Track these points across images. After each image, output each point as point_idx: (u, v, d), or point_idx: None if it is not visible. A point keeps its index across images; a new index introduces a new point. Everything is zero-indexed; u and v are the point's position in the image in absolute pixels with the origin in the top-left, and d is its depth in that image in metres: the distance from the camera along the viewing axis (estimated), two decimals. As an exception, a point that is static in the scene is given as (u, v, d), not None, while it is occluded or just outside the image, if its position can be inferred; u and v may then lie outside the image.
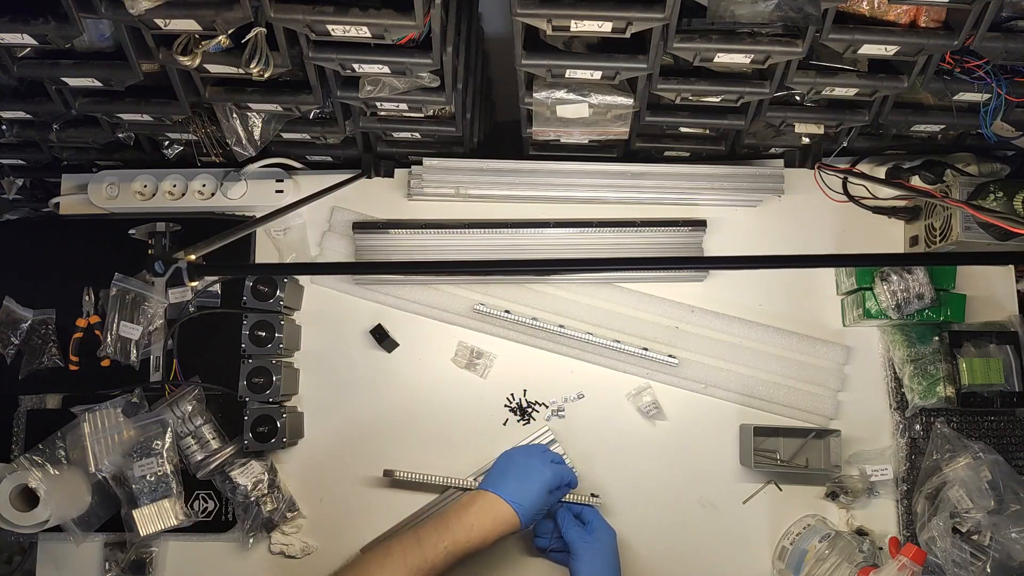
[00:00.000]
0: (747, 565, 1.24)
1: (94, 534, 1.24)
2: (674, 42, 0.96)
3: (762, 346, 1.29)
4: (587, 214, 1.32)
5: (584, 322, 1.30)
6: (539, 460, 1.15)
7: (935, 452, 1.20)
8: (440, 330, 1.31)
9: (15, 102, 1.13)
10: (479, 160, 1.30)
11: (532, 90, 1.11)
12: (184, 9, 0.90)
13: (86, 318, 1.30)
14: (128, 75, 1.03)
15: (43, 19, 0.91)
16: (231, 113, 1.15)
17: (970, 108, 1.14)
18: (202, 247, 1.04)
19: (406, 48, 1.00)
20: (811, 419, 1.27)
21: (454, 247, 1.30)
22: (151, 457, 1.22)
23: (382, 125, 1.24)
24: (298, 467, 1.28)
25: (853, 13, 0.97)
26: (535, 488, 1.10)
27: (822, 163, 1.32)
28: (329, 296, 1.33)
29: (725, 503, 1.25)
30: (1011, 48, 0.98)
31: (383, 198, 1.35)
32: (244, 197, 1.32)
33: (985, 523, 1.11)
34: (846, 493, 1.22)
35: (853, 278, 1.26)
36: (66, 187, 1.38)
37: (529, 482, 1.11)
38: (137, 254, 1.31)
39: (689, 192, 1.31)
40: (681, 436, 1.28)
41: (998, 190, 1.13)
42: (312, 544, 1.25)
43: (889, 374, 1.28)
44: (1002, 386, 1.21)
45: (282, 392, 1.23)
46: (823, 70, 1.07)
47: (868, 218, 1.33)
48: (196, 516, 1.24)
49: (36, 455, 1.21)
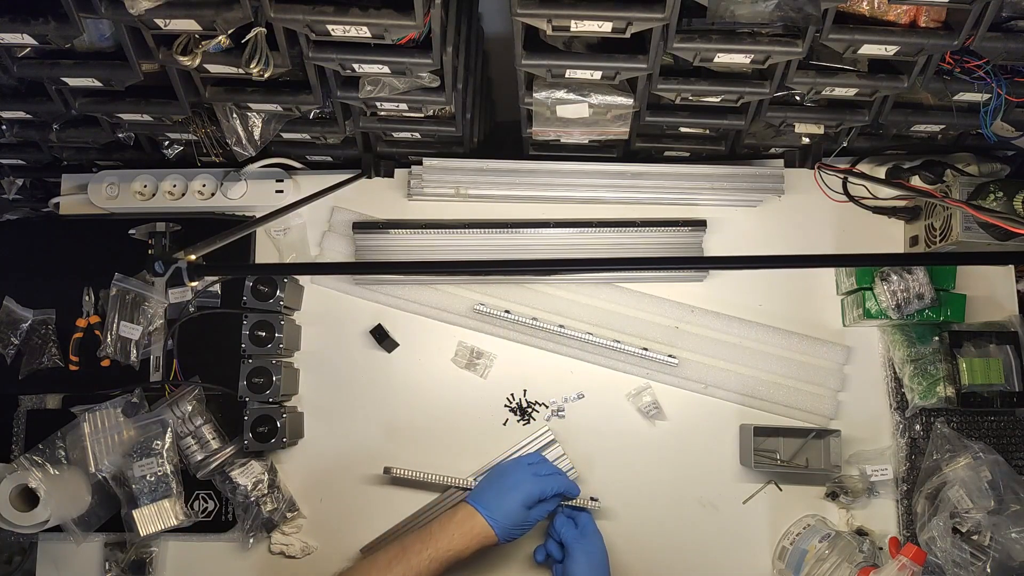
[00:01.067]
0: (747, 565, 1.24)
1: (94, 534, 1.24)
2: (674, 42, 0.96)
3: (762, 346, 1.29)
4: (587, 214, 1.32)
5: (584, 322, 1.30)
6: (524, 473, 1.15)
7: (935, 452, 1.20)
8: (440, 330, 1.31)
9: (15, 102, 1.13)
10: (479, 160, 1.30)
11: (532, 90, 1.11)
12: (184, 9, 0.90)
13: (86, 318, 1.31)
14: (128, 75, 1.03)
15: (43, 19, 0.91)
16: (231, 113, 1.15)
17: (970, 108, 1.14)
18: (202, 247, 1.04)
19: (406, 48, 1.00)
20: (811, 419, 1.27)
21: (454, 247, 1.30)
22: (151, 457, 1.22)
23: (382, 125, 1.24)
24: (298, 467, 1.28)
25: (853, 13, 0.97)
26: (513, 503, 1.11)
27: (822, 163, 1.32)
28: (329, 296, 1.33)
29: (725, 503, 1.25)
30: (1011, 48, 0.98)
31: (383, 198, 1.35)
32: (244, 197, 1.32)
33: (985, 523, 1.11)
34: (846, 493, 1.22)
35: (853, 278, 1.26)
36: (66, 187, 1.38)
37: (507, 497, 1.12)
38: (137, 254, 1.31)
39: (689, 192, 1.31)
40: (681, 436, 1.27)
41: (998, 190, 1.13)
42: (312, 544, 1.25)
43: (889, 374, 1.28)
44: (1002, 386, 1.21)
45: (282, 392, 1.23)
46: (823, 70, 1.07)
47: (868, 218, 1.33)
48: (196, 516, 1.24)
49: (36, 455, 1.21)
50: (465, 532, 1.09)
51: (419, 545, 1.08)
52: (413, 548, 1.07)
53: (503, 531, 1.10)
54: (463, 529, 1.09)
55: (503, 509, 1.11)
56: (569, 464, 1.24)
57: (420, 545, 1.08)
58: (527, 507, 1.12)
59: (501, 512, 1.10)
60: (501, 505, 1.11)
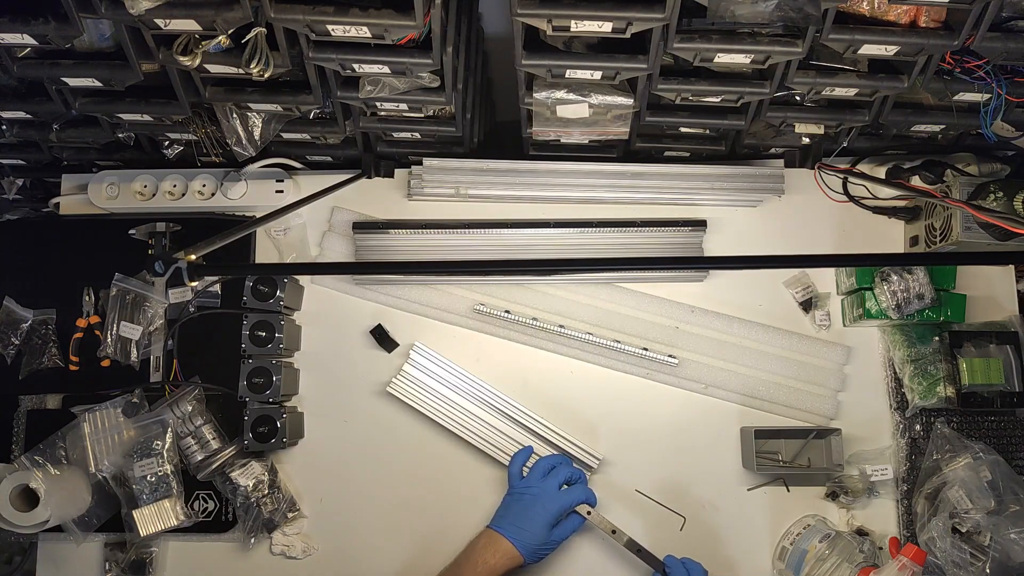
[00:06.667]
0: (747, 565, 1.24)
1: (94, 534, 1.24)
2: (674, 42, 0.96)
3: (762, 346, 1.29)
4: (587, 214, 1.32)
5: (584, 322, 1.30)
6: (543, 488, 1.14)
7: (935, 452, 1.20)
8: (440, 330, 1.31)
9: (15, 102, 1.13)
10: (479, 160, 1.30)
11: (532, 90, 1.11)
12: (184, 9, 0.90)
13: (86, 318, 1.30)
14: (128, 75, 1.03)
15: (43, 19, 0.91)
16: (231, 113, 1.15)
17: (970, 108, 1.14)
18: (202, 247, 1.04)
19: (406, 48, 1.00)
20: (811, 419, 1.27)
21: (454, 247, 1.30)
22: (151, 457, 1.22)
23: (382, 125, 1.24)
24: (298, 467, 1.28)
25: (853, 13, 0.97)
26: (536, 523, 1.11)
27: (822, 163, 1.32)
28: (329, 296, 1.33)
29: (725, 503, 1.25)
30: (1011, 48, 0.98)
31: (383, 198, 1.35)
32: (244, 197, 1.32)
33: (985, 523, 1.11)
34: (846, 493, 1.22)
35: (853, 278, 1.26)
36: (66, 187, 1.38)
37: (528, 516, 1.12)
38: (137, 254, 1.31)
39: (689, 192, 1.31)
40: (681, 436, 1.27)
41: (998, 190, 1.13)
42: (313, 544, 1.25)
43: (889, 374, 1.28)
44: (1002, 386, 1.21)
45: (282, 392, 1.23)
46: (823, 70, 1.07)
47: (868, 218, 1.33)
48: (196, 516, 1.24)
49: (36, 455, 1.21)
50: (491, 557, 1.10)
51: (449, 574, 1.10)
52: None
53: (528, 550, 1.11)
54: (490, 554, 1.10)
55: (525, 529, 1.11)
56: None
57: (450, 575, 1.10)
58: (550, 526, 1.12)
59: (523, 532, 1.11)
60: (523, 526, 1.12)
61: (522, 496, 1.15)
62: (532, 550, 1.11)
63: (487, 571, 1.09)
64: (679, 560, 1.12)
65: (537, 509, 1.12)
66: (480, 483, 1.25)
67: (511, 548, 1.10)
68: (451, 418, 1.25)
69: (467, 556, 1.12)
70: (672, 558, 1.13)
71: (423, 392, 1.26)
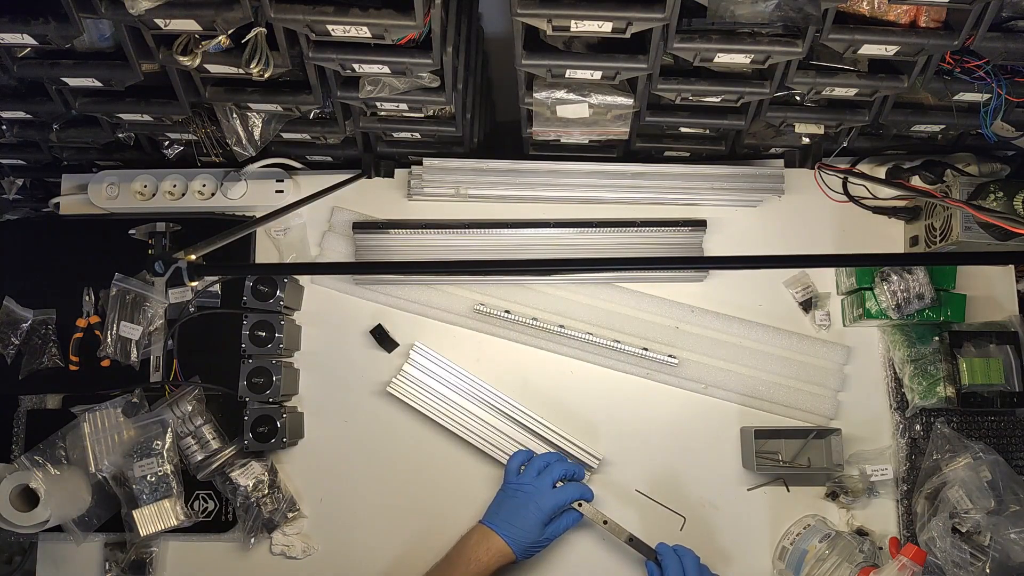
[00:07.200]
0: (747, 565, 1.24)
1: (94, 534, 1.24)
2: (674, 42, 0.97)
3: (762, 346, 1.29)
4: (587, 214, 1.32)
5: (584, 322, 1.30)
6: (537, 487, 1.14)
7: (935, 452, 1.20)
8: (440, 330, 1.31)
9: (15, 102, 1.13)
10: (479, 160, 1.30)
11: (532, 90, 1.11)
12: (184, 9, 0.90)
13: (86, 318, 1.31)
14: (128, 75, 1.03)
15: (43, 19, 0.91)
16: (231, 113, 1.15)
17: (970, 108, 1.14)
18: (202, 247, 1.04)
19: (406, 48, 1.00)
20: (811, 419, 1.27)
21: (454, 247, 1.30)
22: (151, 457, 1.22)
23: (382, 125, 1.24)
24: (298, 467, 1.28)
25: (853, 13, 0.97)
26: (529, 522, 1.11)
27: (822, 163, 1.32)
28: (329, 296, 1.33)
29: (725, 503, 1.25)
30: (1011, 48, 0.98)
31: (383, 198, 1.35)
32: (244, 197, 1.32)
33: (985, 523, 1.11)
34: (846, 493, 1.22)
35: (853, 278, 1.26)
36: (66, 187, 1.38)
37: (521, 513, 1.12)
38: (137, 254, 1.31)
39: (689, 192, 1.31)
40: (681, 436, 1.27)
41: (998, 190, 1.13)
42: (313, 544, 1.25)
43: (889, 374, 1.28)
44: (1002, 386, 1.21)
45: (282, 392, 1.23)
46: (823, 70, 1.07)
47: (868, 218, 1.33)
48: (196, 516, 1.24)
49: (36, 455, 1.21)
50: (483, 553, 1.09)
51: (440, 571, 1.10)
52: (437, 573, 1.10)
53: (520, 547, 1.11)
54: (482, 550, 1.10)
55: (517, 526, 1.11)
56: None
57: (441, 572, 1.10)
58: (544, 524, 1.12)
59: (515, 529, 1.11)
60: (514, 522, 1.11)
61: (516, 493, 1.14)
62: (524, 548, 1.11)
63: (479, 568, 1.09)
64: (671, 547, 1.12)
65: (531, 507, 1.12)
66: (480, 483, 1.25)
67: (504, 546, 1.10)
68: (451, 418, 1.25)
69: (459, 552, 1.11)
70: (664, 545, 1.12)
71: (423, 392, 1.26)
